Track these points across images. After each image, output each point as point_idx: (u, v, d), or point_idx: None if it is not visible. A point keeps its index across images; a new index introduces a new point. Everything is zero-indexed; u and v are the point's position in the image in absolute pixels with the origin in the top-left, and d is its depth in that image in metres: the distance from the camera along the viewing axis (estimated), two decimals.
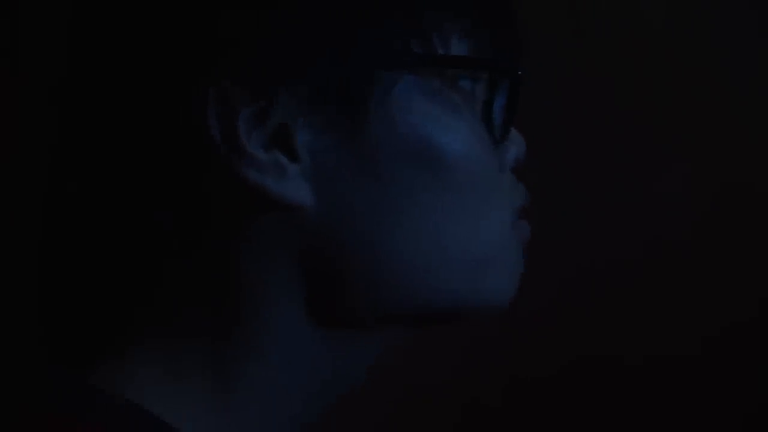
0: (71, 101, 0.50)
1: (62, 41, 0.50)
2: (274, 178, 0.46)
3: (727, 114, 0.99)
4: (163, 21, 0.46)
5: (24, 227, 0.53)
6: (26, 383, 0.49)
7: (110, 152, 0.48)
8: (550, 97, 0.92)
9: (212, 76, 0.45)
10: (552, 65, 0.91)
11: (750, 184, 0.99)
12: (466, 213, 0.49)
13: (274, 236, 0.47)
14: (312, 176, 0.46)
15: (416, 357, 0.93)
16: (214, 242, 0.47)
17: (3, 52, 0.55)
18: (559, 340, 1.01)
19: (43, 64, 0.54)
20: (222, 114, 0.45)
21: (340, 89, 0.46)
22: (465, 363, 1.01)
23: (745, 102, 0.99)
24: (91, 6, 0.49)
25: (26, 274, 0.53)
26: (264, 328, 0.48)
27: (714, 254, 0.99)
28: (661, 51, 0.99)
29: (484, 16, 0.50)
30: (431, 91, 0.48)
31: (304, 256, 0.47)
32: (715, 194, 0.99)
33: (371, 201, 0.47)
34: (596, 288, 1.00)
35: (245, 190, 0.46)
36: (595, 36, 0.98)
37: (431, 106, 0.48)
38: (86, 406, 0.45)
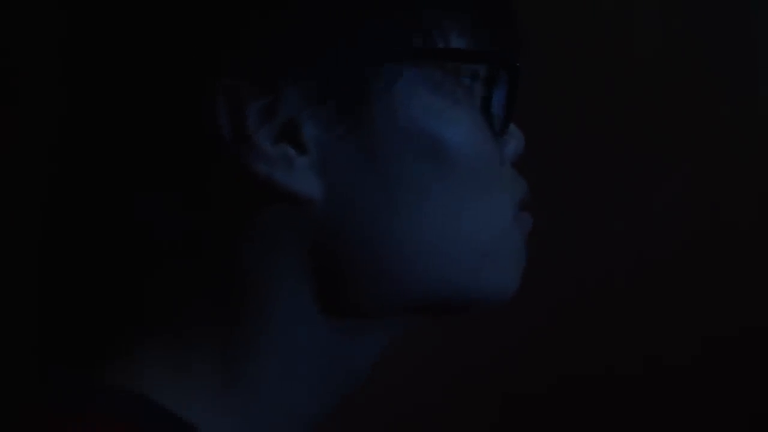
0: (77, 99, 0.50)
1: (66, 38, 0.50)
2: (282, 171, 0.46)
3: (723, 126, 1.00)
4: (171, 16, 0.47)
5: (25, 227, 0.53)
6: (28, 384, 0.49)
7: (116, 149, 0.48)
8: (541, 104, 0.92)
9: (220, 72, 0.45)
10: (546, 68, 0.92)
11: (744, 197, 1.00)
12: (469, 204, 0.49)
13: (280, 230, 0.47)
14: (319, 169, 0.47)
15: (411, 374, 0.93)
16: (221, 237, 0.47)
17: (3, 51, 0.55)
18: (553, 353, 1.00)
19: (46, 61, 0.54)
20: (231, 109, 0.45)
21: (344, 84, 0.46)
22: (462, 376, 1.01)
23: (741, 114, 1.00)
24: (98, 4, 0.50)
25: (29, 274, 0.53)
26: (269, 322, 0.48)
27: (707, 267, 1.00)
28: (657, 59, 0.99)
29: (483, 14, 0.51)
30: (433, 85, 0.48)
31: (310, 249, 0.47)
32: (712, 204, 0.99)
33: (376, 193, 0.47)
34: (589, 301, 1.00)
35: (254, 184, 0.46)
36: (590, 41, 0.98)
37: (433, 100, 0.48)
38: (89, 400, 0.45)
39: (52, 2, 0.53)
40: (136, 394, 0.46)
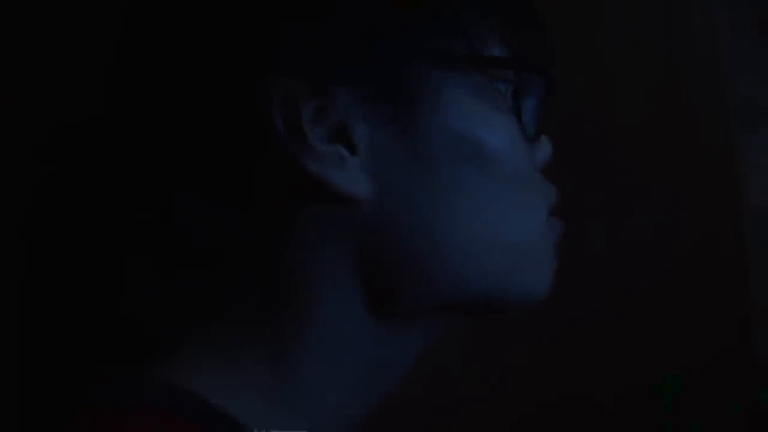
0: (124, 105, 0.50)
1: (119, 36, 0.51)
2: (334, 170, 0.47)
3: (695, 159, 1.01)
4: (225, 17, 0.48)
5: (69, 228, 0.53)
6: (81, 384, 0.49)
7: (164, 148, 0.49)
8: None
9: (276, 73, 0.46)
10: None
11: (715, 232, 1.01)
12: (509, 206, 0.50)
13: (326, 230, 0.48)
14: (369, 170, 0.48)
15: (405, 397, 0.92)
16: (267, 236, 0.48)
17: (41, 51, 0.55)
18: (539, 380, 1.00)
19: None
20: (286, 108, 0.46)
21: (392, 87, 0.48)
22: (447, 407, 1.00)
23: (712, 147, 1.01)
24: (153, 3, 0.50)
25: (77, 275, 0.52)
26: (314, 321, 0.48)
27: (684, 297, 1.00)
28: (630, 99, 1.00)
29: (517, 23, 0.52)
30: (473, 90, 0.50)
31: (358, 248, 0.48)
32: (689, 237, 1.00)
33: (420, 194, 0.48)
34: (571, 330, 1.00)
35: (305, 184, 0.47)
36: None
37: (477, 103, 0.50)
38: (144, 399, 0.45)
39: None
40: (187, 393, 0.46)
